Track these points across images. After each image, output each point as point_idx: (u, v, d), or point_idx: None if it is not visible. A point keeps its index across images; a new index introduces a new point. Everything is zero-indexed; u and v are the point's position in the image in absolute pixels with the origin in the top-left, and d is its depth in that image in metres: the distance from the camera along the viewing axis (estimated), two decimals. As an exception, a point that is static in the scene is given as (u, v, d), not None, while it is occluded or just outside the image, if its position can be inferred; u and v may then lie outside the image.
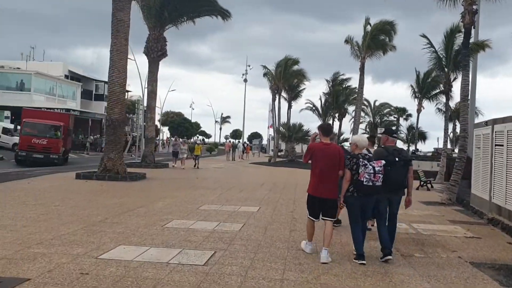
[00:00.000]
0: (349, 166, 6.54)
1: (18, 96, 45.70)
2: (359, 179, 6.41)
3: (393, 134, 7.21)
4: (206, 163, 35.48)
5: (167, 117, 62.54)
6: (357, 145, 6.77)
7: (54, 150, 26.58)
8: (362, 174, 6.40)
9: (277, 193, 15.32)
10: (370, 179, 6.38)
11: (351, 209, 6.64)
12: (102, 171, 17.56)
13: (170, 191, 14.40)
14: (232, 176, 22.53)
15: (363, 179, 6.39)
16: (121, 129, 18.05)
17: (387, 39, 38.43)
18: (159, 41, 26.10)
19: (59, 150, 26.88)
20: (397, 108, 77.79)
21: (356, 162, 6.48)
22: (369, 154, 7.31)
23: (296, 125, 39.80)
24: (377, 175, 6.40)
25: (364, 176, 6.38)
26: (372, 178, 6.38)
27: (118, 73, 17.88)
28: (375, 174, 6.39)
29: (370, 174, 6.37)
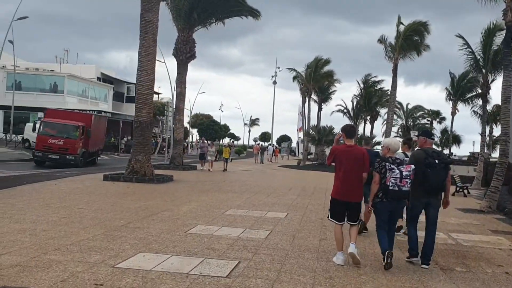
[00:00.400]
0: (377, 169, 6.43)
1: (51, 98, 46.55)
2: (386, 184, 6.28)
3: (431, 136, 7.06)
4: (234, 165, 35.20)
5: (196, 119, 62.71)
6: (389, 148, 6.60)
7: (71, 150, 25.44)
8: (388, 178, 6.25)
9: (306, 198, 14.82)
10: (396, 184, 6.21)
11: (379, 214, 6.52)
12: (129, 173, 17.42)
13: (196, 194, 14.08)
14: (260, 180, 22.12)
15: (389, 183, 6.24)
16: (149, 130, 17.89)
17: (420, 40, 37.40)
18: (188, 43, 25.95)
19: (76, 151, 25.72)
20: (430, 111, 75.98)
21: (385, 165, 6.34)
22: (404, 158, 7.05)
23: (326, 127, 39.17)
24: (404, 180, 6.21)
25: (390, 181, 6.23)
26: (398, 182, 6.21)
27: (146, 75, 17.72)
28: (401, 179, 6.21)
29: (396, 179, 6.20)
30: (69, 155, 25.41)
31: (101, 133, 32.07)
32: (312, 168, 37.21)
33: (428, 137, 6.94)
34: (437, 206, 6.73)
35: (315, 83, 41.92)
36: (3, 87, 45.96)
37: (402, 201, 6.52)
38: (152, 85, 17.95)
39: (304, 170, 35.15)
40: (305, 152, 43.21)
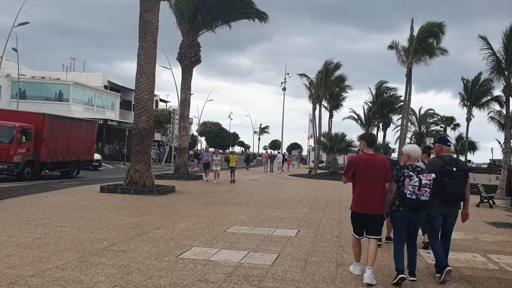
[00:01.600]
0: (395, 178, 6.11)
1: (56, 106, 45.68)
2: (404, 191, 5.95)
3: (447, 143, 6.75)
4: (242, 175, 33.90)
5: (204, 127, 61.61)
6: (409, 156, 6.27)
7: (4, 158, 20.12)
8: (406, 186, 5.93)
9: (318, 211, 13.47)
10: (413, 192, 5.87)
11: (395, 224, 6.19)
12: (128, 184, 16.22)
13: (197, 208, 12.80)
14: (269, 190, 20.79)
15: (406, 191, 5.91)
16: (149, 138, 16.68)
17: (435, 43, 35.96)
18: (192, 47, 24.82)
19: (10, 159, 20.23)
20: (444, 117, 74.29)
21: (403, 173, 6.05)
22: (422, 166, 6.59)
23: (338, 134, 37.63)
24: (422, 188, 5.87)
25: (408, 189, 5.90)
26: (416, 191, 5.86)
27: (145, 79, 16.56)
28: (420, 187, 5.87)
29: (414, 187, 5.87)
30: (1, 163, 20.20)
31: (83, 140, 25.61)
32: (324, 177, 35.75)
33: (444, 144, 6.66)
34: (454, 216, 6.44)
35: (326, 88, 40.50)
36: (8, 95, 45.26)
37: (421, 213, 6.09)
38: (152, 89, 16.78)
39: (316, 179, 33.74)
40: (317, 160, 41.74)
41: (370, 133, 7.09)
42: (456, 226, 6.74)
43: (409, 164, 6.22)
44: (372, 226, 6.11)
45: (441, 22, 35.49)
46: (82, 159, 25.68)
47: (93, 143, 27.15)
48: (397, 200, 6.05)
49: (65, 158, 23.74)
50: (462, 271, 6.95)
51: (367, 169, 6.08)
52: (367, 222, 6.11)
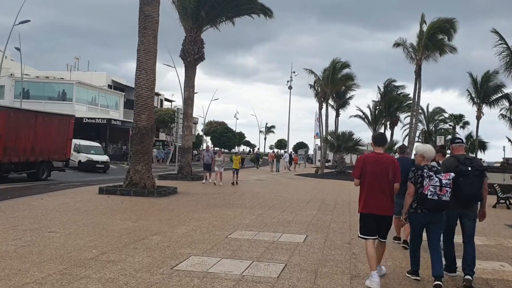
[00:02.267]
0: (413, 179, 5.89)
1: (60, 106, 45.11)
2: (423, 192, 5.72)
3: (456, 141, 6.53)
4: (248, 174, 33.20)
5: (210, 127, 60.97)
6: (424, 156, 6.04)
7: None
8: (426, 186, 5.70)
9: (327, 214, 12.72)
10: (435, 193, 5.64)
11: (413, 227, 6.01)
12: (127, 185, 15.54)
13: (199, 211, 12.09)
14: (275, 191, 20.05)
15: (427, 192, 5.67)
16: (149, 137, 15.99)
17: (445, 39, 35.04)
18: (195, 43, 24.12)
19: None
20: (452, 115, 73.14)
21: (421, 174, 5.82)
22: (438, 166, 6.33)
23: (345, 133, 36.78)
24: (444, 188, 5.66)
25: (429, 189, 5.67)
26: (438, 191, 5.64)
27: (145, 75, 15.88)
28: (441, 187, 5.65)
29: (435, 187, 5.65)
30: None
31: (55, 138, 22.01)
32: (331, 176, 34.96)
33: (452, 142, 6.54)
34: (473, 218, 6.17)
35: (333, 86, 39.63)
36: (11, 95, 44.77)
37: (441, 214, 5.84)
38: (152, 86, 16.09)
39: (323, 179, 32.95)
40: (323, 159, 40.93)
41: (379, 132, 7.24)
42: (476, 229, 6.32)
43: (425, 164, 5.97)
44: (383, 228, 5.96)
45: (452, 19, 34.62)
46: (54, 159, 22.12)
47: (68, 140, 23.14)
48: (415, 202, 5.84)
49: (29, 158, 20.27)
50: (492, 284, 6.20)
51: (374, 168, 5.88)
52: (377, 223, 5.90)
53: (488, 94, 50.91)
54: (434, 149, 6.28)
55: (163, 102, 64.29)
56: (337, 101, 53.54)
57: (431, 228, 5.87)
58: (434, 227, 5.86)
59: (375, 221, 5.88)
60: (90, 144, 30.48)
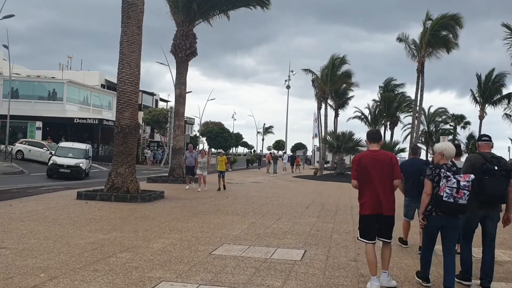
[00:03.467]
0: (430, 177, 5.53)
1: (50, 106, 43.85)
2: (439, 194, 5.37)
3: (483, 138, 6.15)
4: (244, 176, 31.88)
5: (206, 128, 59.56)
6: (443, 154, 5.67)
7: None
8: (442, 187, 5.35)
9: (328, 222, 11.37)
10: (451, 195, 5.30)
11: (427, 230, 5.63)
12: (109, 190, 14.19)
13: (184, 219, 10.73)
14: (271, 194, 18.70)
15: (442, 193, 5.33)
16: (133, 137, 14.63)
17: (450, 35, 33.79)
18: (187, 38, 22.78)
19: None
20: (454, 115, 71.88)
21: (439, 173, 5.44)
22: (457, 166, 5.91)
23: (345, 133, 35.44)
24: (461, 191, 5.29)
25: (445, 191, 5.32)
26: (454, 193, 5.29)
27: (129, 69, 14.53)
28: (458, 190, 5.29)
29: (452, 189, 5.30)
30: None
31: None
32: (331, 178, 33.63)
33: (479, 140, 6.21)
34: (496, 220, 5.88)
35: (332, 84, 38.27)
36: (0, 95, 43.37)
37: (457, 217, 5.51)
38: (136, 81, 14.73)
39: (322, 181, 31.61)
40: (322, 161, 39.55)
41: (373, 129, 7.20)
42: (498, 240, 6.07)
43: (444, 163, 5.58)
44: (385, 228, 5.66)
45: (456, 14, 33.40)
46: None
47: None
48: (429, 204, 5.49)
49: None
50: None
51: (370, 166, 5.62)
52: (377, 223, 5.64)
53: (491, 94, 49.75)
54: (454, 147, 5.86)
55: (158, 102, 62.94)
56: (336, 100, 52.29)
57: (446, 233, 5.54)
58: (449, 232, 5.53)
59: (375, 223, 5.63)
60: (71, 146, 28.08)
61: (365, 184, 5.67)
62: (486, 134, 6.27)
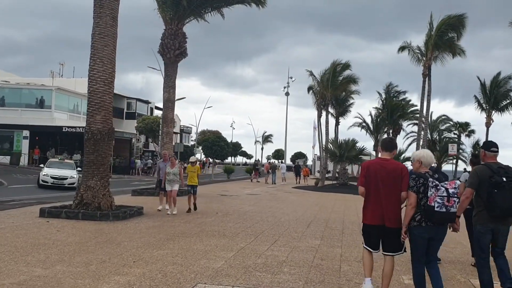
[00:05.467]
0: (414, 188, 5.20)
1: (38, 114, 41.92)
2: (429, 204, 5.03)
3: (491, 148, 5.71)
4: (240, 187, 29.84)
5: (203, 136, 57.54)
6: (421, 161, 5.36)
7: None
8: (432, 197, 5.03)
9: (334, 245, 9.33)
10: (443, 204, 4.99)
11: (415, 242, 5.23)
12: (77, 206, 12.17)
13: (157, 244, 8.68)
14: (267, 209, 16.67)
15: (433, 203, 4.99)
16: (106, 144, 12.63)
17: (455, 37, 31.90)
18: (176, 37, 20.91)
19: None
20: (458, 123, 69.94)
21: (424, 182, 5.15)
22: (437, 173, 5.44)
23: (348, 141, 33.41)
24: (451, 198, 5.01)
25: (436, 200, 4.99)
26: (446, 202, 5.00)
27: (101, 65, 12.57)
28: (449, 198, 5.00)
29: (442, 198, 5.00)
30: None
31: None
32: (333, 189, 31.54)
33: (486, 149, 5.76)
34: (506, 233, 5.58)
35: (333, 90, 36.24)
36: (-15, 103, 41.47)
37: (444, 227, 5.26)
38: (110, 79, 12.77)
39: (324, 192, 29.54)
40: (324, 170, 37.45)
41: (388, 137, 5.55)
42: None
43: (425, 171, 5.33)
44: (388, 241, 5.36)
45: (462, 14, 31.57)
46: None
47: None
48: (418, 214, 5.16)
49: None
50: None
51: (378, 175, 5.36)
52: (381, 236, 5.40)
53: (498, 100, 47.88)
54: (432, 154, 5.57)
55: (154, 110, 60.95)
56: (337, 108, 50.36)
57: (432, 244, 5.30)
58: (436, 243, 5.35)
59: (378, 234, 5.43)
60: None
61: (370, 192, 5.44)
62: (494, 143, 5.81)
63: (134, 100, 56.78)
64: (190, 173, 14.32)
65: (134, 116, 54.59)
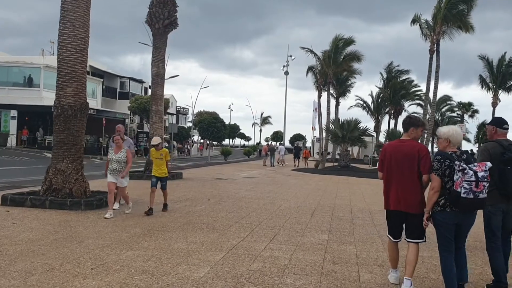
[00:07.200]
0: (439, 171, 4.68)
1: (25, 93, 40.07)
2: (455, 189, 4.50)
3: (504, 125, 5.47)
4: (237, 170, 28.23)
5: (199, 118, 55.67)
6: (449, 140, 4.85)
7: None
8: (458, 182, 4.48)
9: (346, 241, 7.69)
10: (470, 190, 4.43)
11: (440, 229, 4.75)
12: (45, 192, 10.51)
13: (129, 242, 7.04)
14: (265, 194, 15.05)
15: (460, 189, 4.45)
16: (78, 122, 10.92)
17: (466, 10, 29.97)
18: (165, 5, 19.04)
19: None
20: (461, 103, 68.23)
21: (450, 164, 4.63)
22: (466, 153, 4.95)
23: (350, 121, 31.64)
24: (480, 183, 4.45)
25: (462, 186, 4.45)
26: (474, 188, 4.43)
27: (72, 29, 10.80)
28: (477, 183, 4.44)
29: (470, 183, 4.43)
30: None
31: None
32: (335, 171, 29.90)
33: (498, 126, 5.46)
34: None
35: (336, 67, 34.28)
36: (-30, 81, 39.54)
37: (474, 214, 4.76)
38: (83, 46, 11.00)
39: (325, 174, 27.90)
40: (325, 152, 35.79)
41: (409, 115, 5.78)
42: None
43: (452, 151, 4.79)
44: (409, 228, 5.01)
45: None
46: None
47: None
48: (442, 198, 4.66)
49: None
50: None
51: (393, 158, 5.08)
52: (403, 222, 5.07)
53: (505, 79, 46.06)
54: (461, 131, 5.06)
55: (148, 90, 59.01)
56: (337, 88, 48.64)
57: (460, 231, 4.77)
58: (464, 230, 4.81)
59: (400, 220, 5.07)
60: None
61: (389, 177, 5.15)
62: (505, 120, 5.53)
63: (128, 80, 54.85)
64: (155, 160, 10.23)
65: (128, 96, 52.71)
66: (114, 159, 9.41)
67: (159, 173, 10.13)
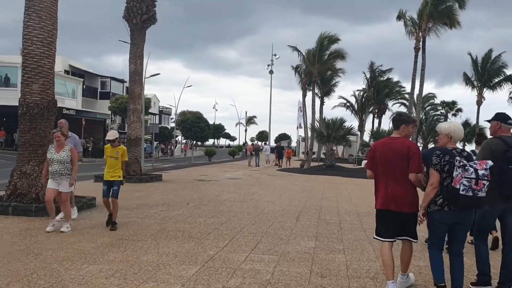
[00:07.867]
0: (438, 166, 4.59)
1: (2, 93, 38.85)
2: (454, 186, 4.41)
3: (508, 120, 5.18)
4: (221, 171, 27.50)
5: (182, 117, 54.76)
6: (450, 136, 4.74)
7: None
8: (458, 178, 4.39)
9: (334, 249, 7.05)
10: (470, 187, 4.33)
11: (434, 227, 4.71)
12: (9, 197, 9.70)
13: (93, 254, 6.31)
14: (249, 197, 14.37)
15: (459, 186, 4.37)
16: (46, 121, 10.09)
17: (456, 7, 29.61)
18: (144, 0, 18.23)
19: None
20: (444, 102, 68.42)
21: (449, 160, 4.54)
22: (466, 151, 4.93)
23: (335, 120, 31.16)
24: (480, 181, 4.34)
25: (462, 183, 4.35)
26: (473, 185, 4.33)
27: (38, 21, 10.00)
28: (477, 181, 4.33)
29: (470, 180, 4.33)
30: None
31: None
32: (320, 171, 29.32)
33: (503, 121, 5.19)
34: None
35: (320, 66, 33.78)
36: None
37: (472, 212, 4.71)
38: (50, 39, 10.19)
39: (311, 174, 27.32)
40: (310, 151, 35.23)
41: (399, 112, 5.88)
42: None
43: (452, 148, 4.69)
44: (403, 226, 4.86)
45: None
46: None
47: None
48: (440, 197, 4.56)
49: None
50: None
51: (383, 156, 4.92)
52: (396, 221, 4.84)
53: (491, 77, 46.08)
54: (462, 128, 4.89)
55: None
56: (322, 87, 48.22)
57: (456, 230, 4.68)
58: (460, 229, 4.68)
59: (392, 219, 4.84)
60: None
61: (379, 175, 4.96)
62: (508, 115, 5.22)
63: (109, 79, 53.72)
64: (109, 159, 8.37)
65: (109, 96, 51.59)
66: (55, 160, 7.78)
67: (111, 176, 8.31)
